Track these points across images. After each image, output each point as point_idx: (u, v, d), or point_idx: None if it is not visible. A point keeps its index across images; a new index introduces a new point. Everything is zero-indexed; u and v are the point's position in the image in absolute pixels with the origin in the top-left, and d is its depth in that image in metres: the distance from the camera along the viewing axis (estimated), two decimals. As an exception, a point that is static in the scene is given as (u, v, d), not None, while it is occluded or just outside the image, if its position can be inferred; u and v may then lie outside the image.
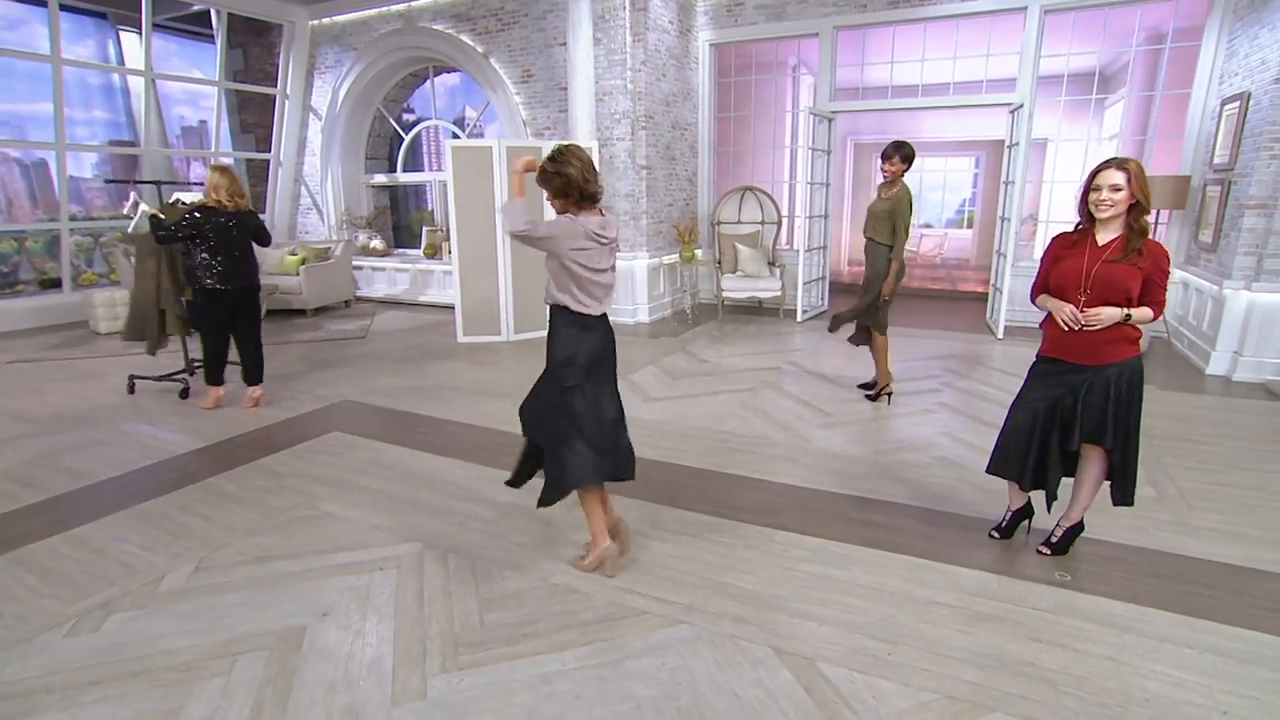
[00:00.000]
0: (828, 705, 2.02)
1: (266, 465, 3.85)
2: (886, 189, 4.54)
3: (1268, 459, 3.83)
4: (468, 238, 6.63)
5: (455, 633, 2.37)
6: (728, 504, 3.33)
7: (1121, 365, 2.52)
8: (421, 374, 5.71)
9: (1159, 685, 2.10)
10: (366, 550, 2.91)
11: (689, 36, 8.04)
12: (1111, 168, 2.41)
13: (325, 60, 9.49)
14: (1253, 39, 5.60)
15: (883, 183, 4.59)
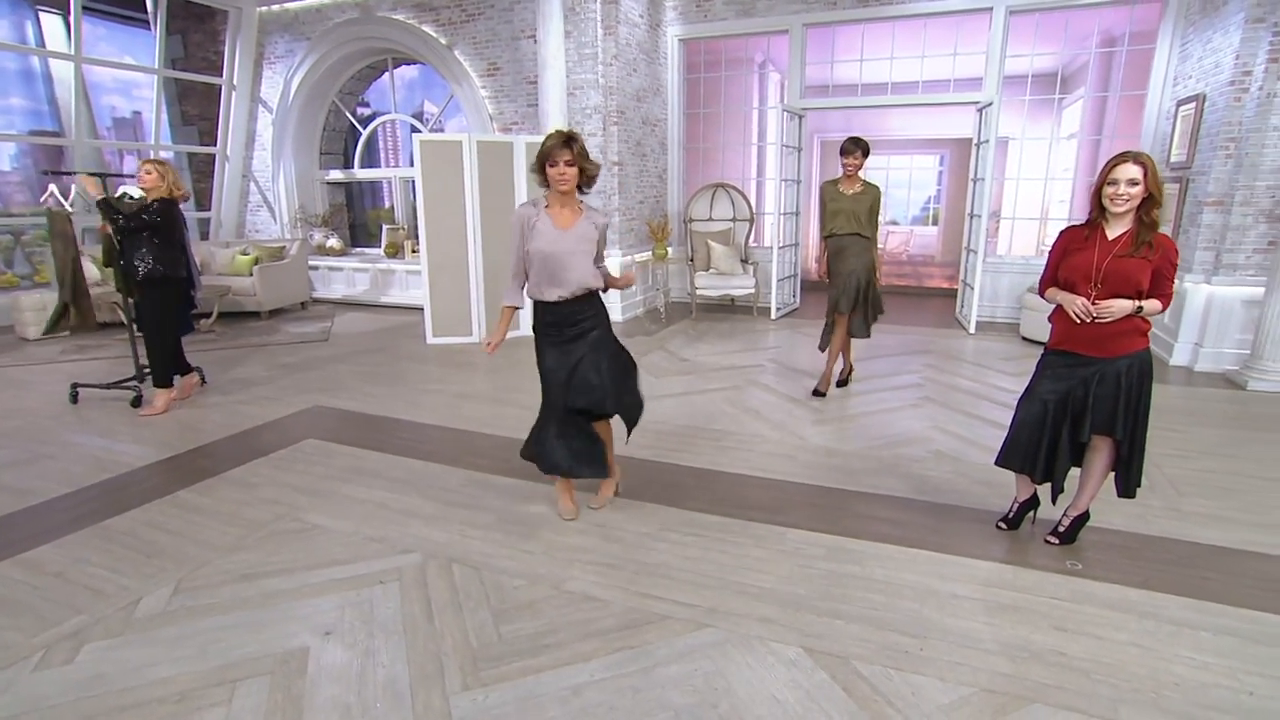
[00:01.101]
0: (869, 704, 1.98)
1: (239, 476, 3.61)
2: (849, 184, 4.59)
3: (1239, 445, 3.98)
4: (437, 236, 6.41)
5: (472, 647, 2.24)
6: (733, 503, 3.27)
7: (1132, 357, 2.55)
8: (393, 377, 5.49)
9: (1184, 669, 2.13)
10: (363, 563, 2.75)
11: (658, 31, 7.98)
12: (1129, 161, 2.43)
13: (275, 50, 9.08)
14: (1205, 43, 5.85)
15: (843, 177, 4.62)
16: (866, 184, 4.62)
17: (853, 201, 4.56)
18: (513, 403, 4.82)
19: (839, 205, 4.59)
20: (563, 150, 2.68)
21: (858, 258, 4.63)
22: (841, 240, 4.62)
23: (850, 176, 4.57)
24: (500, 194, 6.55)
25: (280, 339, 6.87)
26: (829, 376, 4.93)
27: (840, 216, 4.59)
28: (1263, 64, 5.19)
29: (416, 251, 8.54)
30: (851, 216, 4.55)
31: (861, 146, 4.51)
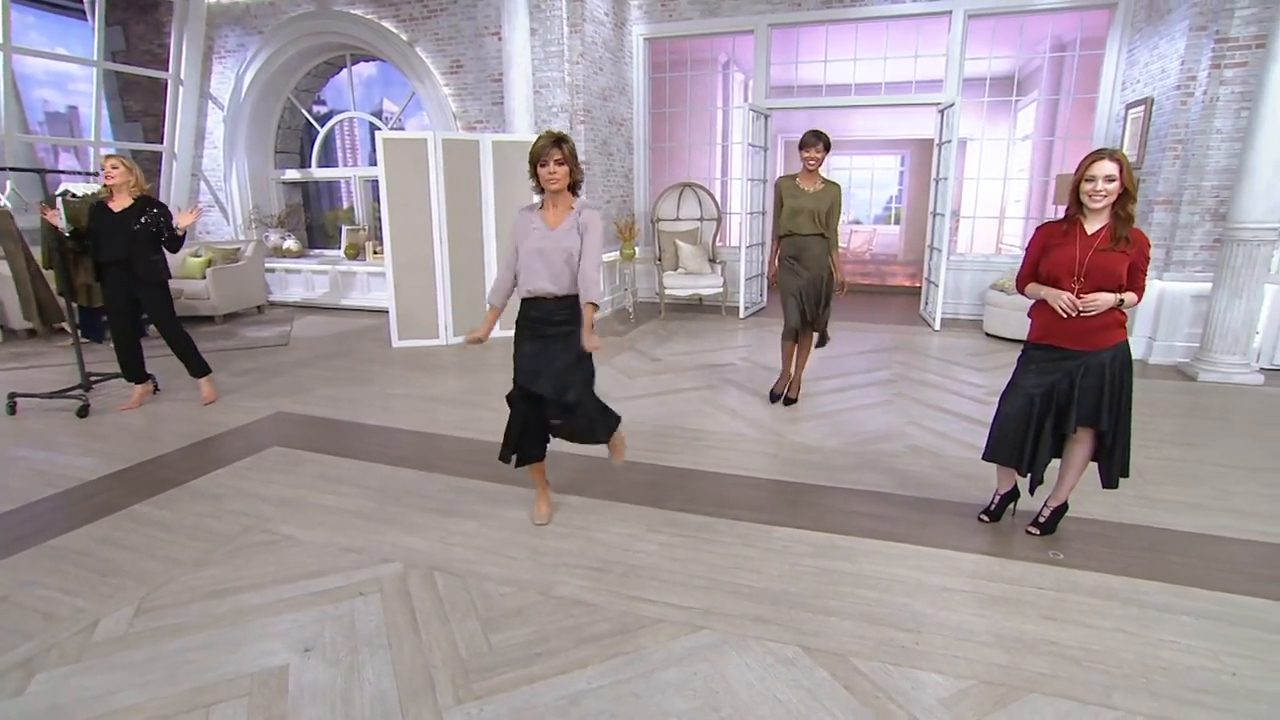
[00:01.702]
0: (872, 701, 1.97)
1: (201, 487, 3.44)
2: (810, 180, 4.26)
3: (1196, 434, 4.13)
4: (401, 236, 6.25)
5: (462, 658, 2.16)
6: (717, 502, 3.25)
7: (1114, 349, 2.61)
8: (359, 381, 5.32)
9: (1170, 653, 2.17)
10: (341, 574, 2.63)
11: (623, 30, 7.94)
12: (1105, 159, 2.49)
13: (226, 44, 8.74)
14: (1152, 49, 6.09)
15: (803, 172, 4.28)
16: (827, 181, 4.28)
17: (814, 199, 4.22)
18: (485, 405, 4.71)
19: (800, 203, 4.23)
20: (553, 150, 2.73)
21: (817, 260, 4.31)
22: (802, 241, 4.29)
23: (811, 172, 4.22)
24: (466, 193, 6.42)
25: (237, 343, 6.61)
26: (798, 381, 4.72)
27: (801, 215, 4.24)
28: (1206, 70, 5.42)
29: (378, 253, 8.32)
30: (813, 216, 4.23)
31: (823, 140, 4.13)
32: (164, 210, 4.45)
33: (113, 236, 4.29)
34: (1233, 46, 5.30)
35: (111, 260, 4.33)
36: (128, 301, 4.44)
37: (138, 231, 4.30)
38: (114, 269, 4.35)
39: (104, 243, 4.31)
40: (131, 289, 4.40)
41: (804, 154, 4.19)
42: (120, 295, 4.42)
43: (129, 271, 4.35)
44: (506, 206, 6.60)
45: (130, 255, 4.30)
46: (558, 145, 2.73)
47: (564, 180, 2.77)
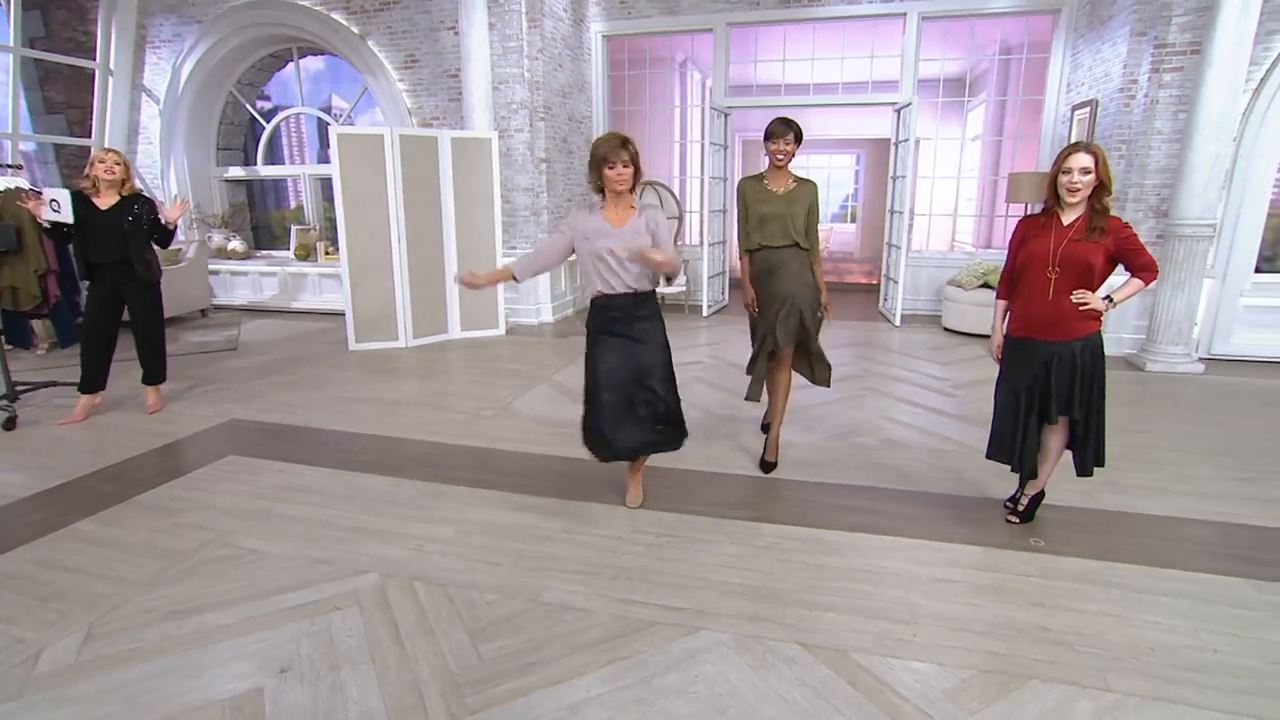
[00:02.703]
0: (877, 696, 1.95)
1: (151, 501, 3.21)
2: (779, 179, 3.41)
3: (1151, 421, 4.30)
4: (358, 236, 6.02)
5: (452, 672, 2.05)
6: (700, 501, 3.20)
7: (1085, 339, 2.67)
8: (316, 386, 5.09)
9: (1156, 634, 2.22)
10: (313, 589, 2.48)
11: (582, 27, 7.86)
12: (1080, 151, 2.54)
13: (160, 33, 8.28)
14: (1095, 53, 6.33)
15: (770, 170, 3.44)
16: (800, 179, 3.45)
17: (786, 202, 3.37)
18: (449, 408, 4.57)
19: (770, 208, 3.38)
20: (621, 152, 2.76)
21: (797, 277, 3.39)
22: (776, 255, 3.40)
23: (780, 169, 3.39)
24: (425, 190, 6.23)
25: (182, 349, 6.25)
26: (775, 441, 3.61)
27: (773, 223, 3.38)
28: (1146, 73, 5.66)
29: (330, 253, 8.03)
30: (787, 222, 3.37)
31: (794, 129, 3.33)
32: (151, 205, 4.26)
33: (103, 235, 4.08)
34: (1170, 52, 5.54)
35: (105, 260, 4.12)
36: (116, 303, 4.25)
37: (129, 229, 4.09)
38: (106, 269, 4.15)
39: (93, 242, 4.09)
40: (123, 289, 4.22)
41: (771, 147, 3.35)
42: (110, 296, 4.21)
43: (125, 271, 4.17)
44: (466, 203, 6.45)
45: (128, 255, 4.13)
46: (624, 146, 2.75)
47: (630, 181, 2.80)
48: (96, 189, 4.11)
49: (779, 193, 3.43)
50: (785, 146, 3.35)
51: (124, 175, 4.18)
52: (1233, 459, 3.70)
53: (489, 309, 6.75)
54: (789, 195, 3.42)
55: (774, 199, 3.41)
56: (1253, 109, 5.55)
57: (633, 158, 2.76)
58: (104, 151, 4.14)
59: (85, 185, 4.11)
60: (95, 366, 4.30)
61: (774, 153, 3.37)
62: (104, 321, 4.26)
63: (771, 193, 3.43)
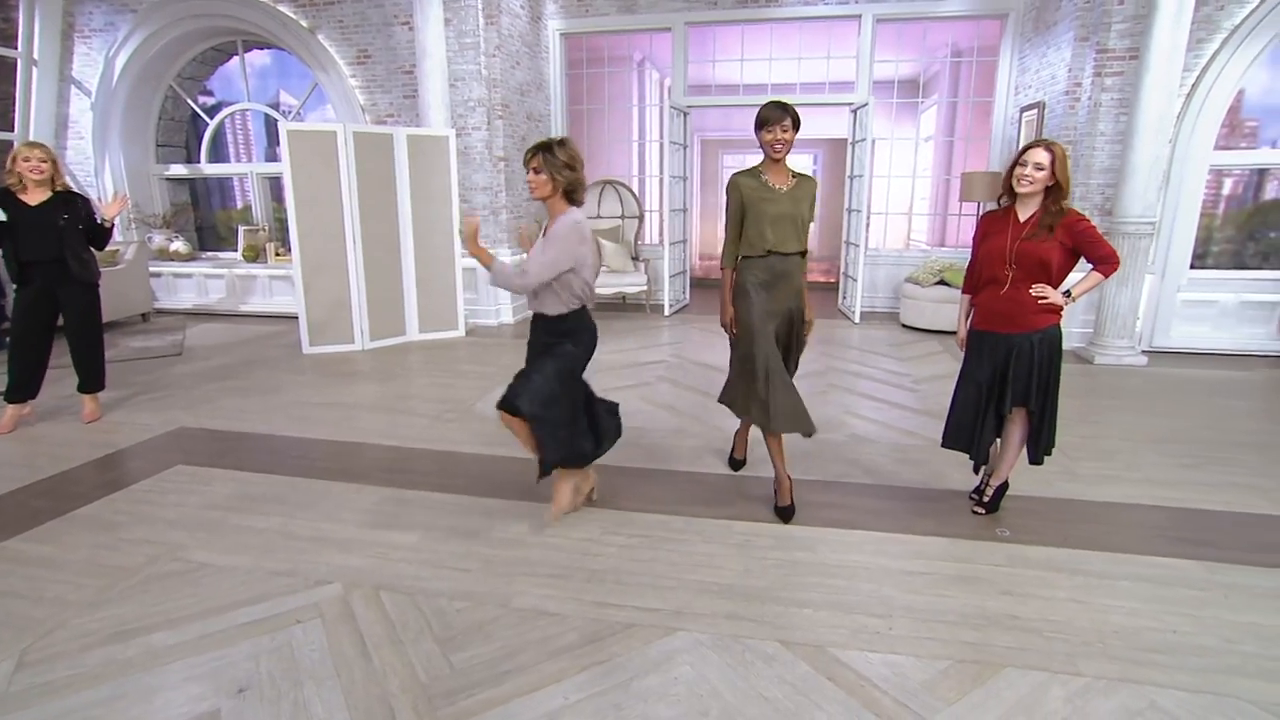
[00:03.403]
0: (857, 690, 1.95)
1: (91, 515, 3.03)
2: (778, 174, 2.93)
3: (1101, 412, 4.44)
4: (310, 236, 5.82)
5: (423, 683, 1.97)
6: (670, 500, 3.18)
7: (1043, 332, 2.74)
8: (269, 392, 4.90)
9: (1119, 617, 2.28)
10: (273, 601, 2.36)
11: (539, 24, 7.77)
12: (1040, 147, 2.61)
13: (90, 22, 7.84)
14: (1041, 57, 6.55)
15: (766, 163, 2.93)
16: (800, 175, 3.00)
17: (792, 201, 2.91)
18: (409, 411, 4.45)
19: (778, 208, 2.89)
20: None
21: (797, 291, 3.01)
22: (784, 263, 2.95)
23: (778, 162, 2.89)
24: (380, 189, 6.07)
25: (122, 355, 5.95)
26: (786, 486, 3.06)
27: (784, 225, 2.90)
28: (1090, 76, 5.88)
29: (280, 254, 7.75)
30: (798, 224, 2.93)
31: (790, 113, 2.82)
32: (86, 202, 4.06)
33: (36, 233, 3.85)
34: (1111, 57, 5.76)
35: (38, 259, 3.89)
36: (49, 306, 4.02)
37: (63, 228, 3.85)
38: (39, 269, 3.91)
39: (24, 241, 3.85)
40: (57, 291, 3.99)
41: (765, 136, 2.84)
42: (42, 299, 3.98)
43: (60, 271, 3.94)
44: (423, 203, 6.31)
45: (62, 253, 3.90)
46: (537, 152, 2.61)
47: (543, 190, 2.64)
48: (23, 185, 3.87)
49: (783, 190, 2.91)
50: (783, 134, 2.82)
51: (53, 172, 3.95)
52: (1177, 446, 3.85)
53: (448, 310, 6.61)
54: (793, 193, 2.93)
55: (780, 197, 2.91)
56: (1185, 113, 5.81)
57: (543, 164, 2.58)
58: (28, 148, 3.88)
59: (10, 181, 3.86)
60: (25, 373, 4.05)
61: (770, 143, 2.84)
62: (35, 325, 4.01)
63: (775, 190, 2.91)
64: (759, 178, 2.95)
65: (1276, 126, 6.31)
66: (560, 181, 2.62)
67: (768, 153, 2.88)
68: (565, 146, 2.63)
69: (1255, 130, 6.49)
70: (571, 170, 2.63)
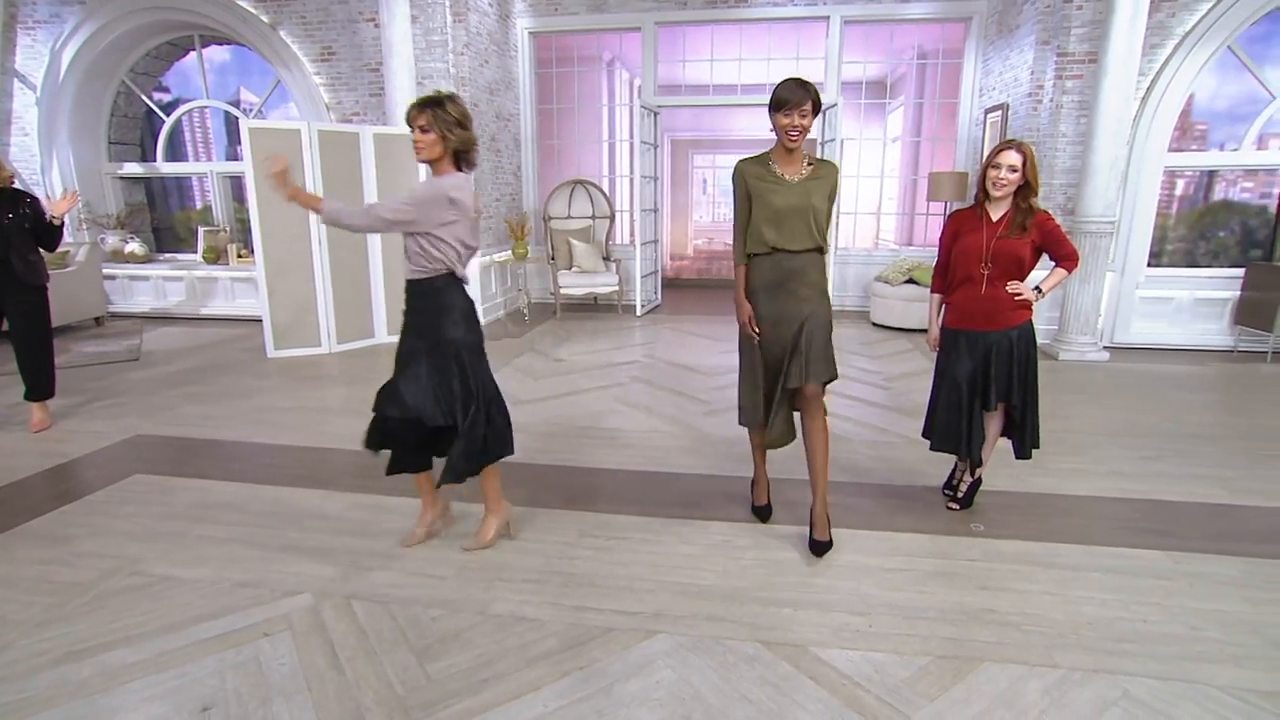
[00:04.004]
0: (839, 689, 1.94)
1: (41, 529, 2.88)
2: (790, 162, 2.58)
3: (1069, 407, 4.54)
4: (274, 237, 5.66)
5: (398, 695, 1.91)
6: (647, 502, 3.15)
7: (1020, 328, 2.78)
8: (233, 397, 4.75)
9: (1091, 609, 2.32)
10: (238, 614, 2.27)
11: (508, 23, 7.69)
12: (1012, 149, 2.64)
13: (33, 13, 7.51)
14: (1004, 60, 6.68)
15: (778, 150, 2.59)
16: (819, 161, 2.64)
17: (802, 192, 2.55)
18: (383, 416, 4.34)
19: (785, 200, 2.55)
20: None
21: (817, 291, 2.64)
22: (792, 261, 2.59)
23: (793, 151, 2.55)
24: (347, 189, 5.93)
25: (73, 360, 5.71)
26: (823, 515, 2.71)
27: (792, 220, 2.55)
28: (1051, 79, 6.02)
29: (243, 256, 7.54)
30: (809, 218, 2.56)
31: (811, 94, 2.45)
32: (35, 201, 3.89)
33: None
34: (1071, 60, 5.91)
35: None
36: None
37: (8, 226, 3.68)
38: None
39: None
40: (3, 294, 3.83)
41: (782, 120, 2.47)
42: None
43: (4, 273, 3.78)
44: (392, 203, 6.18)
45: (7, 254, 3.73)
46: (424, 108, 2.37)
47: (431, 151, 2.40)
48: None
49: (793, 181, 2.57)
50: (801, 120, 2.44)
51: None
52: (1140, 440, 3.95)
53: (418, 312, 6.49)
54: (806, 183, 2.57)
55: (788, 188, 2.56)
56: (1141, 115, 5.98)
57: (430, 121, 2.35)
58: None
59: None
60: None
61: (785, 129, 2.47)
62: None
63: (784, 180, 2.58)
64: (767, 165, 2.62)
65: (1224, 129, 6.54)
66: (451, 141, 2.40)
67: (782, 139, 2.52)
68: (455, 102, 2.43)
69: (1204, 133, 6.72)
70: (463, 128, 2.42)
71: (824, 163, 2.66)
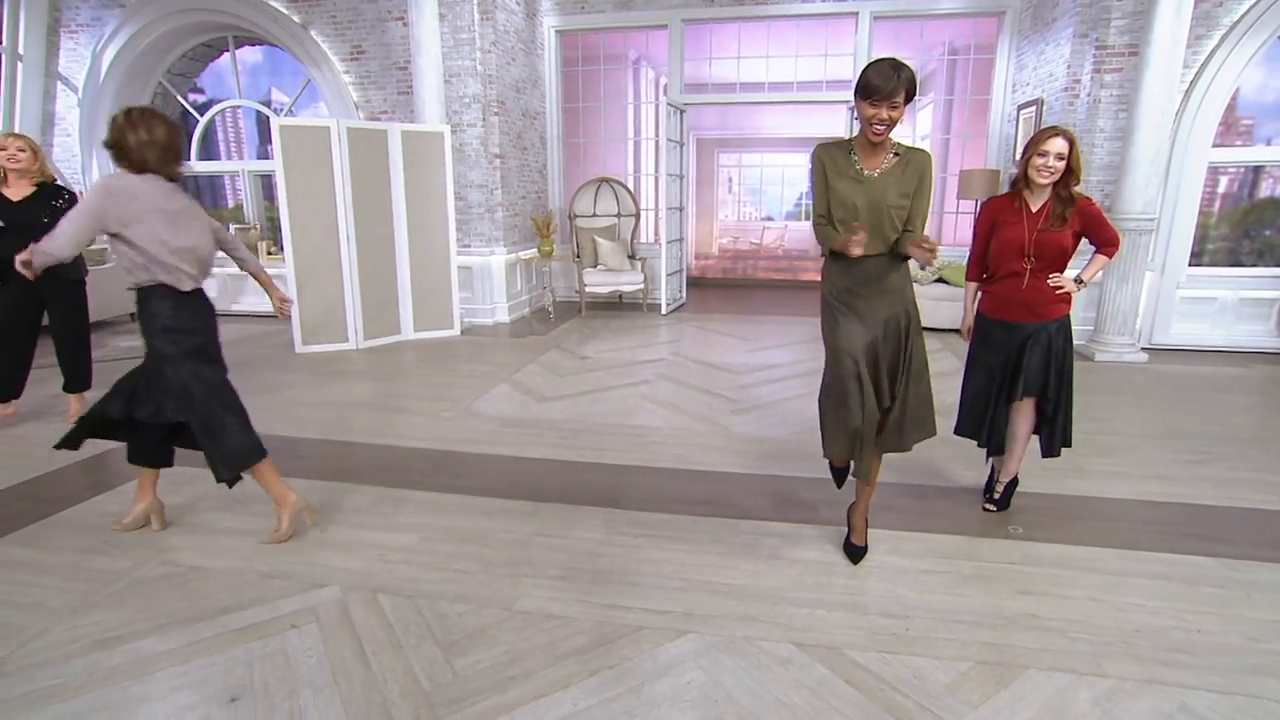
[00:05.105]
0: (877, 694, 1.87)
1: (75, 518, 2.92)
2: (872, 155, 2.30)
3: (1106, 408, 4.40)
4: (303, 234, 5.72)
5: (425, 690, 1.89)
6: (675, 499, 3.10)
7: (1059, 321, 2.69)
8: (261, 391, 4.77)
9: (1140, 616, 2.22)
10: (265, 606, 2.27)
11: (535, 21, 7.69)
12: (1058, 136, 2.55)
13: (77, 16, 7.71)
14: (1039, 54, 6.52)
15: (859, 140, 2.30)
16: (907, 149, 2.33)
17: (881, 187, 2.27)
18: (405, 409, 4.36)
19: (854, 194, 2.29)
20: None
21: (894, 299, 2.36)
22: (864, 267, 2.32)
23: (878, 143, 2.26)
24: (375, 186, 5.97)
25: (110, 354, 5.83)
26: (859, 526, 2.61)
27: (860, 218, 2.28)
28: (1089, 73, 5.86)
29: (273, 253, 7.63)
30: (883, 217, 2.28)
31: (905, 79, 2.15)
32: (73, 198, 3.99)
33: (17, 230, 3.68)
34: (1110, 53, 5.74)
35: None
36: (34, 304, 3.91)
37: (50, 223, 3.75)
38: None
39: (7, 236, 3.69)
40: (42, 288, 3.82)
41: (868, 110, 2.19)
42: (27, 296, 3.84)
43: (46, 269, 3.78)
44: (418, 200, 6.22)
45: None
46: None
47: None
48: (4, 179, 3.76)
49: (873, 175, 2.29)
50: (891, 113, 2.18)
51: (32, 163, 3.83)
52: (1183, 443, 3.81)
53: (443, 309, 6.52)
54: (886, 177, 2.28)
55: (866, 183, 2.29)
56: (1184, 109, 5.79)
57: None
58: (4, 137, 3.77)
59: None
60: (8, 373, 3.94)
61: (871, 120, 2.19)
62: (18, 323, 3.90)
63: (862, 174, 2.29)
64: (848, 153, 2.32)
65: (1271, 124, 6.32)
66: None
67: (867, 130, 2.23)
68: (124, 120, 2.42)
69: (1250, 128, 6.50)
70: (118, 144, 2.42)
71: (915, 151, 2.34)
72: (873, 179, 2.30)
